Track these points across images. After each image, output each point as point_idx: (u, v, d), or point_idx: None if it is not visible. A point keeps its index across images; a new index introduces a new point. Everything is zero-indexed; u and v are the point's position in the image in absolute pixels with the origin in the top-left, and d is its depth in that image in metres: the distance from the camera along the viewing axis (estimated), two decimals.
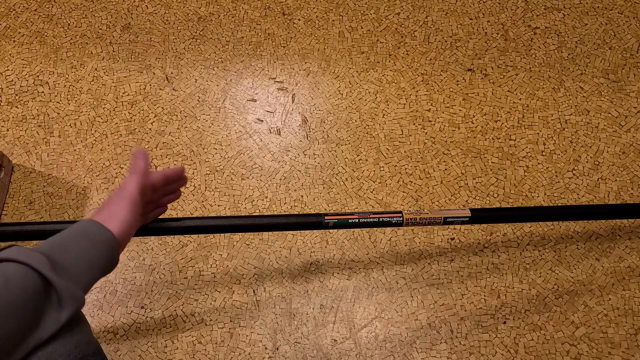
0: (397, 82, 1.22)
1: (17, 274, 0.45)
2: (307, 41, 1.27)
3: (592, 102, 1.19)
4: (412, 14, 1.30)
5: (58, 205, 1.09)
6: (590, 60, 1.24)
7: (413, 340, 0.96)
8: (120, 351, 0.96)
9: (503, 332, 0.97)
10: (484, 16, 1.30)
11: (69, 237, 0.54)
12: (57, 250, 0.51)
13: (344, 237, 1.05)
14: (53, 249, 0.51)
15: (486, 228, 1.06)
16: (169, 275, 1.02)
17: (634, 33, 1.26)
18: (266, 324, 0.98)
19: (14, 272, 0.45)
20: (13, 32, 1.29)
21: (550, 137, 1.15)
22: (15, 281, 0.44)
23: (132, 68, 1.24)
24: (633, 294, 1.00)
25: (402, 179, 1.11)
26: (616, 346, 0.96)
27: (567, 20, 1.29)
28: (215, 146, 1.15)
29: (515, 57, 1.25)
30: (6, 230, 0.68)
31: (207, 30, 1.29)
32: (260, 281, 1.01)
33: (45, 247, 0.51)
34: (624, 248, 1.04)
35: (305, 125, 1.18)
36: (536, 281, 1.01)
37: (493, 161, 1.13)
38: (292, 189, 1.10)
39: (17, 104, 1.20)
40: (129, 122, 1.17)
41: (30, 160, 1.14)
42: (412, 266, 1.03)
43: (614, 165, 1.12)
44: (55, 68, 1.24)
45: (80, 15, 1.31)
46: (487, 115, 1.18)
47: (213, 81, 1.22)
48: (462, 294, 1.00)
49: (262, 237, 1.05)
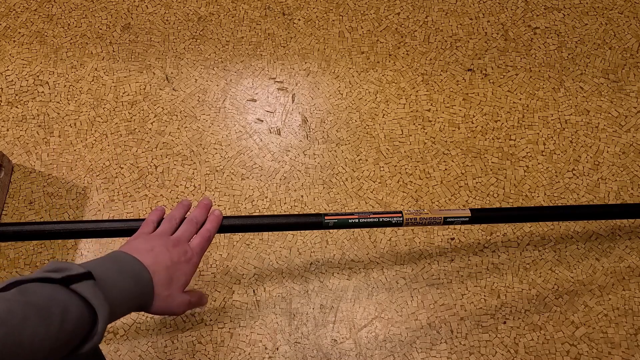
0: (397, 82, 1.22)
1: (80, 314, 0.45)
2: (307, 41, 1.27)
3: (592, 102, 1.19)
4: (412, 14, 1.30)
5: (58, 205, 1.09)
6: (590, 60, 1.24)
7: (413, 340, 0.96)
8: (120, 351, 0.96)
9: (503, 332, 0.97)
10: (484, 16, 1.30)
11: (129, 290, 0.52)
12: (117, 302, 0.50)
13: (344, 237, 1.05)
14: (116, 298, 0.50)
15: (486, 228, 1.06)
16: None
17: (634, 33, 1.26)
18: (266, 324, 0.98)
19: (75, 313, 0.45)
20: (13, 32, 1.29)
21: (550, 137, 1.15)
22: (71, 325, 0.45)
23: (132, 68, 1.24)
24: (633, 294, 1.00)
25: (402, 179, 1.11)
26: (616, 346, 0.96)
27: (567, 20, 1.29)
28: (215, 146, 1.15)
29: (515, 57, 1.25)
30: (6, 231, 0.68)
31: (207, 30, 1.29)
32: (260, 281, 1.01)
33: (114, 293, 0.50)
34: (624, 248, 1.04)
35: (305, 125, 1.18)
36: (536, 281, 1.01)
37: (493, 161, 1.13)
38: (292, 189, 1.10)
39: (17, 104, 1.20)
40: (129, 122, 1.17)
41: (30, 160, 1.14)
42: (412, 266, 1.03)
43: (614, 165, 1.12)
44: (55, 68, 1.24)
45: (80, 15, 1.31)
46: (487, 115, 1.18)
47: (213, 81, 1.22)
48: (462, 294, 1.00)
49: (262, 237, 1.05)
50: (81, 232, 0.68)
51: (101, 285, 0.49)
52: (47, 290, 0.45)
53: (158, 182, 1.11)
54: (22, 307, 0.42)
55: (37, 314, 0.43)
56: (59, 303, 0.44)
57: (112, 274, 0.51)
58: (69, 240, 1.05)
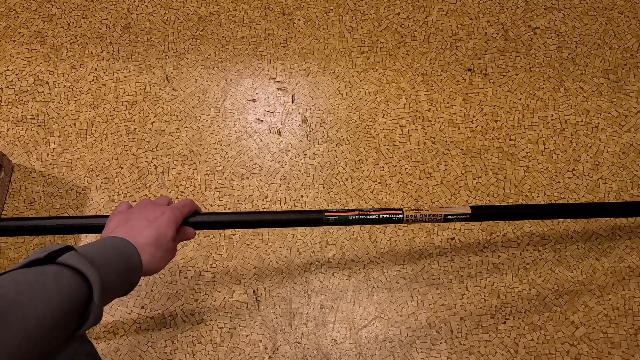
0: (397, 82, 1.22)
1: (71, 283, 0.46)
2: (307, 41, 1.27)
3: (592, 102, 1.19)
4: (412, 14, 1.30)
5: (58, 205, 1.08)
6: (590, 60, 1.24)
7: (413, 340, 0.96)
8: (120, 351, 0.96)
9: (503, 332, 0.97)
10: (484, 16, 1.30)
11: (115, 257, 0.54)
12: (105, 270, 0.50)
13: (344, 237, 1.05)
14: (103, 266, 0.51)
15: (486, 228, 1.06)
16: (169, 275, 1.02)
17: (634, 33, 1.26)
18: (266, 324, 0.98)
19: (68, 280, 0.46)
20: (13, 32, 1.29)
21: (550, 137, 1.15)
22: (67, 292, 0.45)
23: (132, 68, 1.24)
24: (633, 294, 1.00)
25: (402, 179, 1.11)
26: (616, 346, 0.96)
27: (567, 20, 1.29)
28: (215, 146, 1.15)
29: (515, 57, 1.25)
30: (7, 226, 0.68)
31: (207, 30, 1.29)
32: (260, 281, 1.01)
33: (98, 260, 0.51)
34: (624, 248, 1.04)
35: (305, 125, 1.18)
36: (536, 281, 1.01)
37: (493, 161, 1.13)
38: (292, 189, 1.10)
39: (17, 104, 1.20)
40: (129, 122, 1.17)
41: (30, 160, 1.14)
42: (412, 266, 1.02)
43: (614, 165, 1.12)
44: (55, 68, 1.24)
45: (80, 15, 1.31)
46: (487, 115, 1.18)
47: (213, 81, 1.22)
48: (462, 294, 1.00)
49: (262, 237, 1.05)
50: (82, 227, 0.68)
51: (86, 255, 0.49)
52: (35, 270, 0.45)
53: (158, 182, 1.11)
54: (14, 286, 0.42)
55: (30, 288, 0.43)
56: (49, 275, 0.45)
57: (92, 249, 0.52)
58: (70, 238, 1.05)
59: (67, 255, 0.48)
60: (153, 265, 0.59)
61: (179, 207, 0.65)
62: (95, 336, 0.97)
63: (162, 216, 0.62)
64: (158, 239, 0.59)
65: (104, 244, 0.55)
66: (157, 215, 0.62)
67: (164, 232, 0.61)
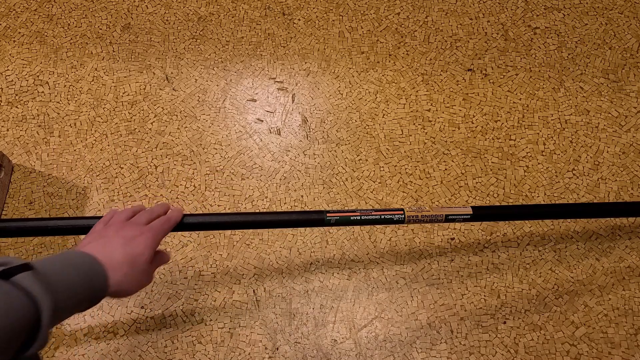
0: (397, 82, 1.22)
1: (21, 303, 0.44)
2: (307, 41, 1.27)
3: (592, 102, 1.19)
4: (412, 14, 1.30)
5: (58, 205, 1.08)
6: (590, 60, 1.24)
7: (413, 340, 0.96)
8: (120, 351, 0.96)
9: (503, 332, 0.97)
10: (484, 16, 1.30)
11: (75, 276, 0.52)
12: (61, 291, 0.49)
13: (344, 237, 1.05)
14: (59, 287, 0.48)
15: (486, 228, 1.06)
16: (168, 275, 1.02)
17: (634, 33, 1.26)
18: (266, 324, 0.98)
19: (19, 300, 0.44)
20: (13, 32, 1.29)
21: (550, 137, 1.15)
22: (13, 312, 0.43)
23: (132, 68, 1.24)
24: (633, 294, 1.00)
25: (402, 179, 1.11)
26: (616, 346, 0.96)
27: (567, 20, 1.29)
28: (215, 146, 1.15)
29: (515, 57, 1.25)
30: (8, 227, 0.67)
31: (207, 30, 1.29)
32: (260, 281, 1.01)
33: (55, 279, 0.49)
34: (624, 248, 1.04)
35: (305, 125, 1.18)
36: (536, 281, 1.01)
37: (493, 161, 1.13)
38: (292, 189, 1.10)
39: (17, 104, 1.20)
40: (129, 122, 1.17)
41: (30, 160, 1.13)
42: (412, 266, 1.02)
43: (614, 165, 1.12)
44: (55, 68, 1.24)
45: (80, 15, 1.31)
46: (487, 115, 1.18)
47: (213, 81, 1.22)
48: (462, 294, 1.00)
49: (262, 237, 1.05)
50: (83, 228, 0.68)
51: (43, 276, 0.48)
52: None
53: (158, 182, 1.11)
54: None
55: None
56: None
57: (52, 267, 0.50)
58: (69, 239, 1.05)
59: (22, 275, 0.46)
60: (125, 286, 0.56)
61: (157, 227, 0.63)
62: (95, 336, 0.97)
63: (140, 236, 0.60)
64: (133, 258, 0.57)
65: (69, 260, 0.53)
66: (135, 235, 0.59)
67: (140, 252, 0.58)
